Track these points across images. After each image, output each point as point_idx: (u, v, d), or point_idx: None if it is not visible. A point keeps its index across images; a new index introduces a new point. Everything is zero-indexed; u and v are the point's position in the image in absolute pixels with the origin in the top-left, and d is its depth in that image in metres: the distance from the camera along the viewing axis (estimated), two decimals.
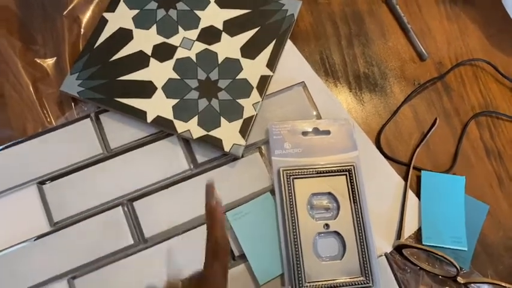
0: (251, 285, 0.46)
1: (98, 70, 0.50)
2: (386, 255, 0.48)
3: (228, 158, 0.50)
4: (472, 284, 0.47)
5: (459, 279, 0.47)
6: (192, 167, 0.50)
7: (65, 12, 0.55)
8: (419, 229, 0.50)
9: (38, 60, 0.52)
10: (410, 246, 0.47)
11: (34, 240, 0.46)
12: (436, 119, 0.52)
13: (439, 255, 0.45)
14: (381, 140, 0.52)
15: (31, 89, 0.51)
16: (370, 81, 0.55)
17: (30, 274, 0.45)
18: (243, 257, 0.47)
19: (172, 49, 0.52)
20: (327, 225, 0.48)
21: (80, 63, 0.50)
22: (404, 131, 0.53)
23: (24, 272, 0.45)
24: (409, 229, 0.50)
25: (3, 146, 0.49)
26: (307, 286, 0.45)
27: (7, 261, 0.45)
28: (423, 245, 0.48)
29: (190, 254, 0.46)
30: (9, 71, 0.51)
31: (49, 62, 0.52)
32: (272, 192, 0.49)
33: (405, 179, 0.51)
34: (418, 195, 0.51)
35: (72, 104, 0.51)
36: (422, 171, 0.51)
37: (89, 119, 0.50)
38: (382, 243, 0.49)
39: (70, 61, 0.52)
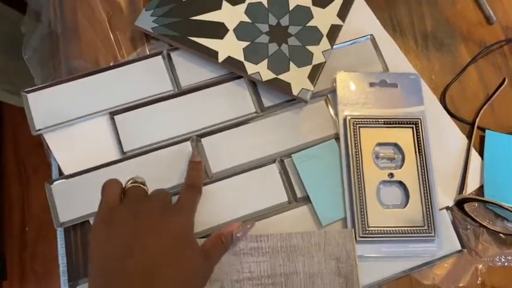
0: (313, 226, 0.47)
1: (172, 9, 0.51)
2: (448, 208, 0.48)
3: (294, 104, 0.50)
4: None
5: None
6: (258, 110, 0.50)
7: None
8: (481, 187, 0.49)
9: None
10: (474, 199, 0.47)
11: (105, 167, 0.47)
12: (504, 79, 0.52)
13: (505, 208, 0.45)
14: (446, 98, 0.52)
15: (106, 23, 0.52)
16: (437, 40, 0.55)
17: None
18: (305, 199, 0.48)
19: None
20: (391, 175, 0.48)
21: (155, 1, 0.51)
22: (469, 91, 0.53)
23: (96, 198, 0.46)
24: (471, 186, 0.49)
25: (77, 75, 0.49)
26: (370, 230, 0.46)
27: (79, 185, 0.46)
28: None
29: (249, 192, 0.47)
30: (86, 3, 0.52)
31: None
32: (336, 139, 0.50)
33: (468, 137, 0.51)
34: (480, 154, 0.51)
35: (145, 40, 0.52)
36: (486, 130, 0.51)
37: (160, 56, 0.51)
38: (443, 197, 0.49)
39: (144, 0, 0.53)
